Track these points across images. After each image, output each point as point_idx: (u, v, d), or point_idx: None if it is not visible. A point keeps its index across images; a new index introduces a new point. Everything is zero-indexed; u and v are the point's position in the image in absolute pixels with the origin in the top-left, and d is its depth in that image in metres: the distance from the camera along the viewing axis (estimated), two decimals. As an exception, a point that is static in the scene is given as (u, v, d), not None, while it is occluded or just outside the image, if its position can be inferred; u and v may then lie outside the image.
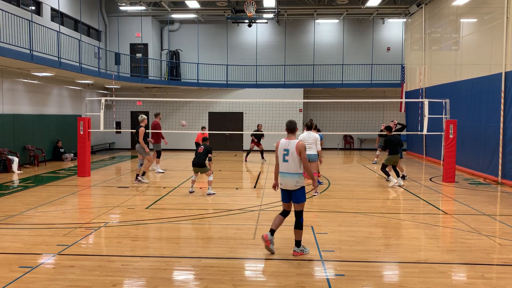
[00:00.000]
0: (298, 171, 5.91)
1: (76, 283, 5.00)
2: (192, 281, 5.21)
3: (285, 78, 23.65)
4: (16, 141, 15.49)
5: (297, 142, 5.92)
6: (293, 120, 6.18)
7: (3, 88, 15.03)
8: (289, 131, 6.07)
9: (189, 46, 24.31)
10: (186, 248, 6.33)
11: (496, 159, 12.55)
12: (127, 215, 8.34)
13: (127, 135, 23.85)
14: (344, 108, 23.09)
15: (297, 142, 5.92)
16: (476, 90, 14.08)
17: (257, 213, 8.59)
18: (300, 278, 5.20)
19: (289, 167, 5.92)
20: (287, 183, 5.96)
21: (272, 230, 6.11)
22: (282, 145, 6.01)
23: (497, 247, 6.49)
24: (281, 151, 6.01)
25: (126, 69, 22.16)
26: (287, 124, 6.12)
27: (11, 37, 13.29)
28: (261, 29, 24.27)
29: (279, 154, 6.03)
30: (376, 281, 5.19)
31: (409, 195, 10.76)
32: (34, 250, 6.15)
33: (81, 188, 11.39)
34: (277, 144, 6.09)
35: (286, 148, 5.95)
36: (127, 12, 22.39)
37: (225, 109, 23.49)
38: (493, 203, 9.87)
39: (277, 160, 6.12)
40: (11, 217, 8.04)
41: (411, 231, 7.40)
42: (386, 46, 24.15)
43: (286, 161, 5.94)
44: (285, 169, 5.96)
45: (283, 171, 6.00)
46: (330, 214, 8.45)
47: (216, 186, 12.21)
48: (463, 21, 15.57)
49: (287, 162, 5.94)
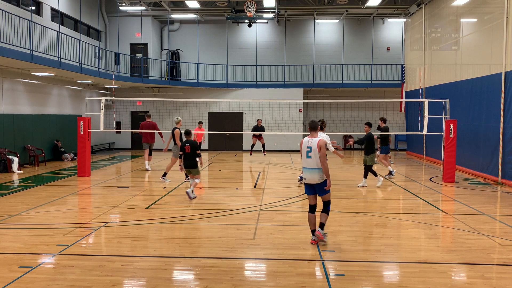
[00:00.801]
0: (320, 166, 6.39)
1: (76, 283, 5.00)
2: (192, 281, 5.21)
3: (285, 78, 23.65)
4: (16, 141, 15.48)
5: (319, 140, 6.42)
6: (315, 120, 6.80)
7: (3, 88, 15.03)
8: (312, 130, 6.59)
9: (189, 46, 24.31)
10: (186, 248, 6.33)
11: (496, 159, 12.55)
12: (127, 215, 8.33)
13: (127, 135, 23.84)
14: (344, 108, 23.09)
15: (318, 140, 6.43)
16: (476, 90, 14.08)
17: (257, 213, 8.59)
18: (300, 278, 5.19)
19: (312, 162, 6.43)
20: (312, 178, 6.46)
21: (313, 230, 6.55)
22: (305, 142, 6.54)
23: (497, 247, 6.49)
24: (305, 148, 6.52)
25: (126, 69, 22.16)
26: (309, 123, 6.69)
27: (11, 37, 13.28)
28: (261, 29, 24.27)
29: (303, 151, 6.55)
30: (376, 281, 5.19)
31: (409, 195, 10.76)
32: (34, 250, 6.14)
33: (81, 188, 11.39)
34: (301, 142, 6.64)
35: (309, 146, 6.47)
36: (127, 12, 22.39)
37: (225, 109, 23.49)
38: (493, 203, 9.87)
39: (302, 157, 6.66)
40: (11, 217, 8.04)
41: (411, 231, 7.40)
42: (386, 46, 24.14)
43: (310, 157, 6.45)
44: (309, 165, 6.47)
45: (307, 166, 6.50)
46: (330, 214, 8.42)
47: (216, 186, 12.23)
48: (463, 21, 15.57)
49: (310, 158, 6.45)
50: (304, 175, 6.59)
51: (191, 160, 9.88)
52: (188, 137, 10.01)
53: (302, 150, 6.58)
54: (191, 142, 9.88)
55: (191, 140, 9.92)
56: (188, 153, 9.82)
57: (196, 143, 9.94)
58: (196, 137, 16.49)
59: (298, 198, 10.13)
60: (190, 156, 9.84)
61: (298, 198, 10.13)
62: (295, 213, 8.66)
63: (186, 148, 9.82)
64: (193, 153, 9.85)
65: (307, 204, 6.67)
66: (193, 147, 9.82)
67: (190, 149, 9.79)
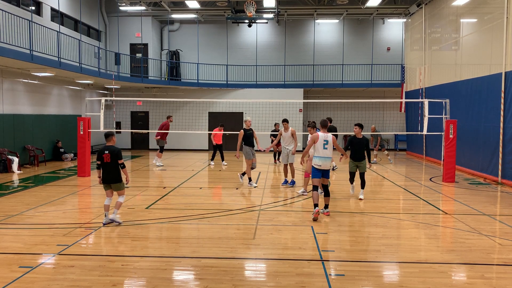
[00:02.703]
0: (331, 155, 8.23)
1: (76, 283, 5.00)
2: (192, 281, 5.21)
3: (285, 78, 23.65)
4: (16, 141, 15.48)
5: (332, 136, 8.28)
6: (326, 119, 8.54)
7: (3, 88, 15.03)
8: (323, 127, 8.36)
9: (189, 46, 24.31)
10: (186, 248, 6.33)
11: (496, 159, 12.55)
12: (127, 215, 8.33)
13: (127, 135, 23.85)
14: (344, 108, 23.08)
15: (332, 136, 8.28)
16: (476, 90, 14.08)
17: (257, 213, 8.59)
18: (300, 278, 5.19)
19: (328, 152, 8.14)
20: (326, 164, 8.13)
21: (316, 204, 7.93)
22: (322, 137, 8.12)
23: (497, 247, 6.49)
24: (321, 141, 8.09)
25: (126, 69, 22.16)
26: (322, 122, 8.42)
27: (11, 37, 13.28)
28: (261, 29, 24.27)
29: (320, 143, 8.07)
30: (376, 281, 5.19)
31: (409, 195, 10.76)
32: (34, 250, 6.15)
33: (81, 188, 11.39)
34: (316, 136, 8.12)
35: (326, 139, 8.13)
36: (127, 12, 22.39)
37: (225, 109, 23.48)
38: (493, 203, 9.87)
39: (308, 148, 8.34)
40: (11, 217, 8.04)
41: (411, 231, 7.40)
42: (386, 46, 24.14)
43: (326, 148, 8.09)
44: (326, 154, 8.11)
45: (324, 155, 8.09)
46: (330, 214, 8.44)
47: (216, 186, 12.22)
48: (463, 21, 15.57)
49: (326, 149, 8.10)
50: (319, 163, 8.04)
51: (112, 173, 7.52)
52: (108, 142, 7.65)
53: (318, 143, 8.05)
54: (111, 149, 7.56)
55: (111, 147, 7.61)
56: (107, 164, 7.49)
57: (118, 151, 7.57)
58: (214, 137, 16.81)
59: (298, 198, 10.12)
60: (111, 167, 7.50)
61: (298, 198, 10.12)
62: (295, 213, 8.66)
63: (105, 156, 7.47)
64: (114, 164, 7.52)
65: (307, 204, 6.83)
66: (114, 155, 7.50)
67: (110, 157, 7.48)
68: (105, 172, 7.54)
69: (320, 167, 8.07)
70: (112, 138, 7.68)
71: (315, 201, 7.99)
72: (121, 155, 7.59)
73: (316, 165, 8.09)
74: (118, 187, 7.61)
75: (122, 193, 7.73)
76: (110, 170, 7.51)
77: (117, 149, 7.59)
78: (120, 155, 7.57)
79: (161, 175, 14.05)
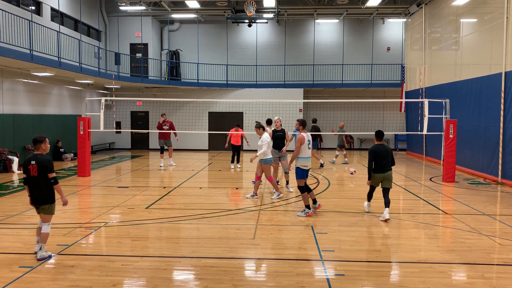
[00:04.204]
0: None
1: (76, 283, 5.00)
2: (192, 281, 5.21)
3: (285, 78, 23.65)
4: (16, 141, 15.49)
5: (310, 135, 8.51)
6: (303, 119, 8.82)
7: (3, 88, 15.03)
8: (304, 127, 8.53)
9: (189, 46, 24.31)
10: (186, 248, 6.33)
11: (496, 159, 12.55)
12: (127, 215, 8.34)
13: (127, 135, 23.85)
14: (344, 108, 23.08)
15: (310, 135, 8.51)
16: (476, 90, 14.07)
17: (257, 213, 8.59)
18: (300, 278, 5.20)
19: (311, 152, 8.35)
20: (310, 163, 8.33)
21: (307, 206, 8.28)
22: (307, 137, 8.24)
23: (497, 247, 6.50)
24: (306, 142, 8.18)
25: (126, 69, 22.16)
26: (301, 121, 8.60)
27: (11, 37, 13.29)
28: (261, 29, 24.27)
29: (306, 145, 8.17)
30: (376, 281, 5.19)
31: (409, 195, 10.76)
32: (34, 250, 6.14)
33: (81, 188, 11.39)
34: (302, 138, 8.13)
35: (309, 139, 8.31)
36: (127, 12, 22.39)
37: (225, 109, 23.48)
38: (493, 203, 9.87)
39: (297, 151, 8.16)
40: (11, 217, 8.04)
41: (411, 231, 7.40)
42: (386, 46, 24.14)
43: (310, 148, 8.28)
44: (310, 154, 8.30)
45: (309, 156, 8.26)
46: (330, 214, 8.45)
47: (216, 186, 12.21)
48: (463, 21, 15.56)
49: (310, 149, 8.30)
50: (306, 163, 8.18)
51: (40, 191, 5.76)
52: (37, 150, 5.84)
53: (305, 144, 8.12)
54: (39, 159, 5.74)
55: (40, 156, 5.79)
56: (34, 178, 5.74)
57: (47, 161, 5.76)
58: (231, 138, 15.64)
59: (298, 198, 10.12)
60: (38, 182, 5.74)
61: (298, 198, 10.12)
62: (295, 213, 8.65)
63: (31, 168, 5.72)
64: (43, 177, 5.73)
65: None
66: (42, 167, 5.71)
67: (37, 171, 5.71)
68: (32, 189, 5.77)
69: (306, 167, 8.22)
70: (41, 145, 5.81)
71: (306, 202, 8.26)
72: (52, 166, 5.75)
73: (302, 166, 8.20)
74: (46, 209, 5.80)
75: (48, 220, 5.82)
76: (38, 187, 5.73)
77: (46, 159, 5.77)
78: (51, 167, 5.73)
79: (161, 175, 14.05)
